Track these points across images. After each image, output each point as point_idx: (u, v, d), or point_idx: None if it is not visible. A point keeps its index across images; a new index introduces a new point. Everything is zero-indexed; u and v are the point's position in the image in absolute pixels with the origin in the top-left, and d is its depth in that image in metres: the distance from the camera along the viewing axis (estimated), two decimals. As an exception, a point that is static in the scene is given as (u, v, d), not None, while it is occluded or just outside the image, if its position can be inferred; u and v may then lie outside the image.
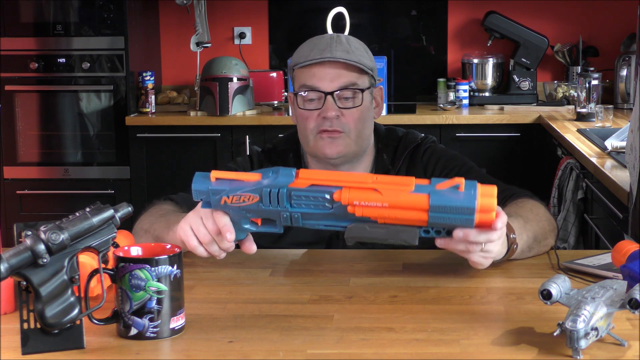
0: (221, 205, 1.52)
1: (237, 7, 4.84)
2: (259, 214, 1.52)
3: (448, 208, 1.43)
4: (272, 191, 1.49)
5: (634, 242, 1.57)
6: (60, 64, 4.41)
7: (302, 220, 1.50)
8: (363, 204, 1.46)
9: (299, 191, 1.48)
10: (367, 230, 1.48)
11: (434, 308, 1.47)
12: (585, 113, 3.98)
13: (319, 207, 1.48)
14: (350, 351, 1.28)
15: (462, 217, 1.44)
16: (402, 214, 1.45)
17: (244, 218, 1.53)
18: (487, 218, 1.45)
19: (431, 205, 1.44)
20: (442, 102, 4.53)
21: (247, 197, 1.50)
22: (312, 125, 1.93)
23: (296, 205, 1.49)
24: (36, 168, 4.48)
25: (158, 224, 1.76)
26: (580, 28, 4.71)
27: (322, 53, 1.90)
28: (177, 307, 1.34)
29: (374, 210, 1.46)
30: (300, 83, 1.94)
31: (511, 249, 1.63)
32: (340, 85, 1.91)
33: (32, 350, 1.28)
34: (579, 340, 1.22)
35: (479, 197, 1.43)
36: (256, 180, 1.51)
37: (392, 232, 1.47)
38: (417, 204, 1.44)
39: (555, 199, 3.47)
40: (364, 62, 1.92)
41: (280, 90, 4.54)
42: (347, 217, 1.48)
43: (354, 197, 1.46)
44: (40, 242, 1.24)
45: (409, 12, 4.83)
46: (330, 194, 1.47)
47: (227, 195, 1.51)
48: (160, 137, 4.36)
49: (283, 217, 1.50)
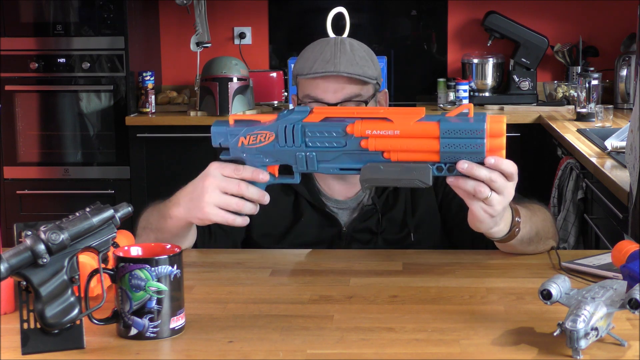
0: (238, 147, 1.55)
1: (237, 7, 4.84)
2: (276, 156, 1.55)
3: (458, 131, 1.44)
4: (287, 127, 1.52)
5: (634, 242, 1.57)
6: (60, 64, 4.42)
7: (317, 163, 1.53)
8: (375, 133, 1.48)
9: (313, 126, 1.51)
10: (380, 170, 1.50)
11: (434, 308, 1.47)
12: (585, 113, 3.98)
13: (333, 143, 1.51)
14: (350, 351, 1.28)
15: (473, 142, 1.44)
16: (414, 143, 1.47)
17: (261, 164, 1.56)
18: (497, 143, 1.46)
19: (441, 130, 1.45)
20: (442, 102, 4.53)
21: (263, 135, 1.54)
22: None
23: (311, 143, 1.52)
24: (36, 168, 4.48)
25: (152, 218, 1.76)
26: (580, 28, 4.71)
27: (325, 66, 1.87)
28: (177, 307, 1.34)
29: (387, 142, 1.48)
30: (304, 93, 1.92)
31: (512, 231, 1.63)
32: (344, 98, 1.89)
33: (32, 350, 1.28)
34: (579, 340, 1.22)
35: (488, 121, 1.45)
36: (272, 119, 1.54)
37: (405, 169, 1.48)
38: (427, 131, 1.46)
39: (555, 199, 3.47)
40: (368, 74, 1.90)
41: (280, 90, 4.54)
42: (360, 157, 1.51)
43: (366, 127, 1.48)
44: (40, 242, 1.24)
45: (409, 12, 4.83)
46: (344, 127, 1.50)
47: (244, 135, 1.55)
48: (160, 137, 4.36)
49: (299, 158, 1.52)
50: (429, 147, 1.47)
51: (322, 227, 1.94)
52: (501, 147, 1.47)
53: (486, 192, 1.47)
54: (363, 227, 1.94)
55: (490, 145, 1.46)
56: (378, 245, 1.93)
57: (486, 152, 1.45)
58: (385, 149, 1.49)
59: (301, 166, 1.54)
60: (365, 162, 1.51)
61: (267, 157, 1.55)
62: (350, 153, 1.51)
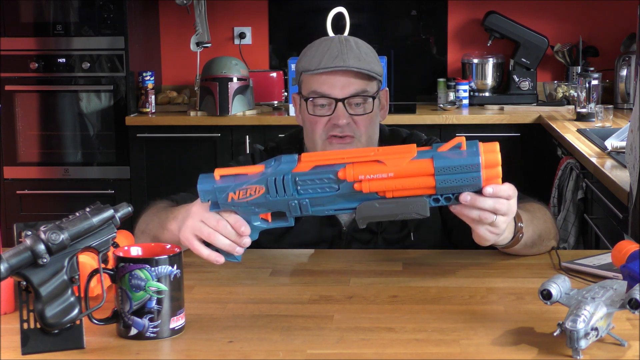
0: (228, 202, 1.52)
1: (237, 7, 4.84)
2: (268, 206, 1.52)
3: (453, 168, 1.43)
4: (277, 179, 1.49)
5: (634, 242, 1.57)
6: (60, 64, 4.41)
7: (311, 208, 1.50)
8: (369, 178, 1.46)
9: (304, 175, 1.49)
10: (376, 208, 1.48)
11: (434, 308, 1.47)
12: (585, 113, 3.98)
13: (326, 189, 1.49)
14: (350, 351, 1.28)
15: (469, 176, 1.43)
16: (409, 182, 1.45)
17: (253, 214, 1.53)
18: (494, 173, 1.45)
19: (436, 168, 1.43)
20: (442, 102, 4.53)
21: (253, 189, 1.50)
22: (320, 130, 1.91)
23: (303, 191, 1.49)
24: (36, 168, 4.48)
25: (152, 224, 1.76)
26: (580, 28, 4.71)
27: (334, 61, 1.88)
28: (177, 307, 1.34)
29: (381, 183, 1.46)
30: (310, 89, 1.92)
31: (516, 237, 1.63)
32: (351, 93, 1.89)
33: (32, 350, 1.28)
34: (579, 340, 1.22)
35: (482, 153, 1.44)
36: (260, 171, 1.51)
37: (401, 205, 1.47)
38: (421, 169, 1.44)
39: (555, 199, 3.47)
40: (375, 69, 1.91)
41: (280, 90, 4.54)
42: (355, 197, 1.48)
43: (358, 172, 1.46)
44: (40, 242, 1.24)
45: (409, 12, 4.83)
46: (335, 173, 1.48)
47: (233, 190, 1.51)
48: (160, 137, 4.36)
49: (292, 206, 1.50)
50: (425, 184, 1.45)
51: (323, 227, 1.94)
52: (497, 176, 1.46)
53: (491, 218, 1.48)
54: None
55: (486, 176, 1.45)
56: (378, 245, 1.93)
57: (483, 182, 1.44)
58: (379, 190, 1.47)
59: (295, 212, 1.51)
60: (360, 200, 1.48)
61: (259, 208, 1.52)
62: (344, 195, 1.48)
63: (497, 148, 1.45)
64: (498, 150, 1.46)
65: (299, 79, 1.97)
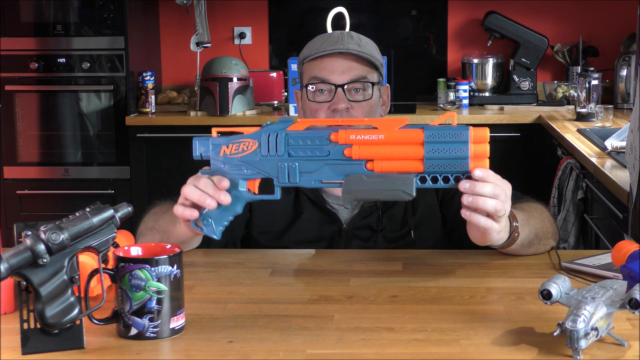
0: (220, 157, 1.54)
1: (237, 7, 4.84)
2: (257, 167, 1.53)
3: (442, 135, 1.46)
4: (271, 135, 1.52)
5: (634, 242, 1.57)
6: (60, 64, 4.41)
7: (300, 175, 1.52)
8: (360, 139, 1.48)
9: (297, 135, 1.51)
10: (364, 181, 1.49)
11: (434, 308, 1.47)
12: (585, 113, 3.98)
13: (316, 152, 1.50)
14: (350, 351, 1.28)
15: (457, 147, 1.45)
16: (398, 150, 1.47)
17: (241, 177, 1.54)
18: (481, 149, 1.47)
19: (426, 135, 1.46)
20: (442, 102, 4.53)
21: (246, 143, 1.53)
22: (321, 117, 1.92)
23: (293, 152, 1.51)
24: (36, 168, 4.48)
25: (163, 220, 1.77)
26: (580, 28, 4.71)
27: (334, 45, 1.91)
28: (177, 307, 1.34)
29: (371, 149, 1.48)
30: (310, 75, 1.94)
31: (512, 236, 1.63)
32: (351, 78, 1.91)
33: (32, 350, 1.28)
34: (579, 340, 1.22)
35: (471, 128, 1.47)
36: (256, 130, 1.55)
37: (388, 180, 1.48)
38: (412, 137, 1.47)
39: (555, 199, 3.47)
40: (375, 56, 1.95)
41: (280, 90, 4.54)
42: (343, 168, 1.50)
43: (350, 133, 1.49)
44: (40, 242, 1.24)
45: (409, 12, 4.83)
46: (327, 135, 1.50)
47: (226, 144, 1.54)
48: (160, 137, 4.36)
49: (281, 169, 1.52)
50: (414, 153, 1.47)
51: (323, 224, 1.94)
52: (485, 154, 1.47)
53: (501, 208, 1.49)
54: (363, 224, 1.94)
55: (474, 152, 1.46)
56: (378, 243, 1.93)
57: (470, 158, 1.46)
58: (369, 157, 1.49)
59: (282, 178, 1.52)
60: (348, 173, 1.50)
61: (249, 169, 1.54)
62: (333, 164, 1.50)
63: (487, 129, 1.49)
64: (487, 130, 1.49)
65: (300, 71, 1.98)
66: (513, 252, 1.73)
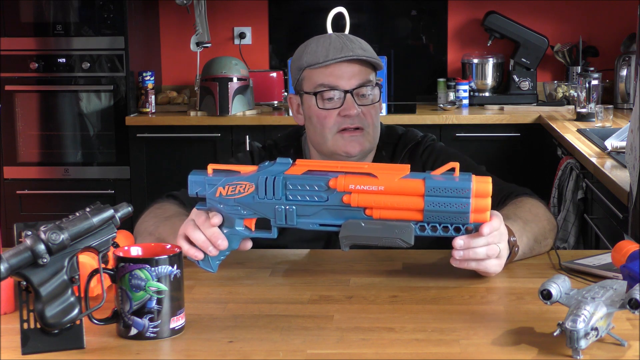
0: (216, 197, 1.52)
1: (237, 7, 4.84)
2: (254, 208, 1.52)
3: (444, 190, 1.44)
4: (268, 179, 1.49)
5: (634, 242, 1.57)
6: (60, 64, 4.42)
7: (297, 218, 1.50)
8: (359, 189, 1.46)
9: (295, 179, 1.49)
10: (362, 227, 1.48)
11: (434, 308, 1.47)
12: (585, 113, 3.98)
13: (315, 197, 1.49)
14: (350, 351, 1.28)
15: (458, 201, 1.44)
16: (398, 200, 1.46)
17: (238, 216, 1.53)
18: (483, 204, 1.46)
19: (427, 188, 1.44)
20: (442, 102, 4.53)
21: (243, 186, 1.51)
22: (331, 123, 1.92)
23: (291, 196, 1.49)
24: (36, 168, 4.48)
25: (163, 228, 1.76)
26: (580, 28, 4.71)
27: (341, 52, 1.90)
28: (177, 307, 1.34)
29: (370, 198, 1.47)
30: (316, 83, 1.93)
31: (512, 252, 1.64)
32: (358, 83, 1.92)
33: (32, 350, 1.28)
34: (579, 340, 1.22)
35: (474, 181, 1.45)
36: (252, 170, 1.52)
37: (387, 227, 1.47)
38: (412, 188, 1.45)
39: (555, 199, 3.47)
40: (376, 57, 1.95)
41: (280, 90, 4.54)
42: (342, 213, 1.49)
43: (350, 182, 1.47)
44: (40, 242, 1.24)
45: (409, 12, 4.83)
46: (326, 181, 1.48)
47: (222, 185, 1.52)
48: (160, 137, 4.36)
49: (278, 211, 1.50)
50: (414, 205, 1.46)
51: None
52: (486, 208, 1.47)
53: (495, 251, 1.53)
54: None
55: (475, 206, 1.45)
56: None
57: (471, 212, 1.45)
58: (368, 205, 1.48)
59: (280, 220, 1.52)
60: (346, 218, 1.49)
61: (245, 210, 1.53)
62: (332, 209, 1.49)
63: (490, 180, 1.48)
64: (490, 182, 1.47)
65: (299, 77, 1.97)
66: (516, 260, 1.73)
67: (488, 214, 1.48)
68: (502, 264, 1.58)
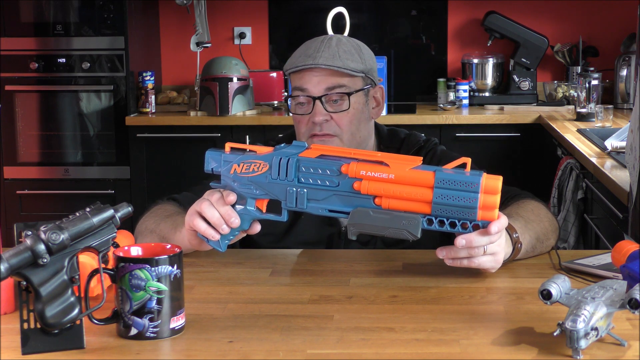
0: (230, 174, 1.56)
1: (237, 7, 4.84)
2: (266, 188, 1.54)
3: (453, 182, 1.45)
4: (283, 159, 1.52)
5: (634, 242, 1.57)
6: (60, 64, 4.42)
7: (307, 202, 1.52)
8: (370, 175, 1.47)
9: (308, 162, 1.51)
10: (370, 216, 1.49)
11: (434, 308, 1.47)
12: (585, 113, 3.98)
13: (326, 181, 1.50)
14: (350, 351, 1.28)
15: (467, 195, 1.45)
16: (407, 190, 1.47)
17: (250, 196, 1.55)
18: (491, 201, 1.46)
19: (437, 180, 1.45)
20: (442, 102, 4.53)
21: (257, 164, 1.54)
22: (303, 129, 1.95)
23: (303, 178, 1.51)
24: (36, 168, 4.48)
25: (164, 225, 1.77)
26: (580, 28, 4.71)
27: (306, 60, 1.91)
28: (177, 307, 1.34)
29: (380, 186, 1.48)
30: (293, 85, 1.97)
31: (516, 248, 1.64)
32: (324, 89, 1.91)
33: (32, 350, 1.28)
34: (579, 340, 1.22)
35: (484, 177, 1.45)
36: (269, 151, 1.55)
37: (394, 218, 1.48)
38: (422, 179, 1.46)
39: (555, 199, 3.47)
40: (350, 66, 1.91)
41: (280, 90, 4.54)
42: (351, 200, 1.50)
43: (361, 168, 1.49)
44: (40, 242, 1.24)
45: (409, 12, 4.83)
46: (339, 166, 1.50)
47: (237, 163, 1.55)
48: (160, 137, 4.36)
49: (289, 193, 1.52)
50: (422, 196, 1.46)
51: (322, 227, 1.94)
52: (494, 206, 1.47)
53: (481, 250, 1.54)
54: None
55: (483, 202, 1.46)
56: (377, 246, 1.93)
57: (479, 208, 1.46)
58: (377, 194, 1.49)
59: (290, 202, 1.53)
60: (355, 206, 1.50)
61: (258, 189, 1.55)
62: (342, 195, 1.50)
63: (500, 178, 1.48)
64: (501, 180, 1.48)
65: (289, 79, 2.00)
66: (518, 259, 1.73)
67: (496, 212, 1.48)
68: (497, 260, 1.57)
